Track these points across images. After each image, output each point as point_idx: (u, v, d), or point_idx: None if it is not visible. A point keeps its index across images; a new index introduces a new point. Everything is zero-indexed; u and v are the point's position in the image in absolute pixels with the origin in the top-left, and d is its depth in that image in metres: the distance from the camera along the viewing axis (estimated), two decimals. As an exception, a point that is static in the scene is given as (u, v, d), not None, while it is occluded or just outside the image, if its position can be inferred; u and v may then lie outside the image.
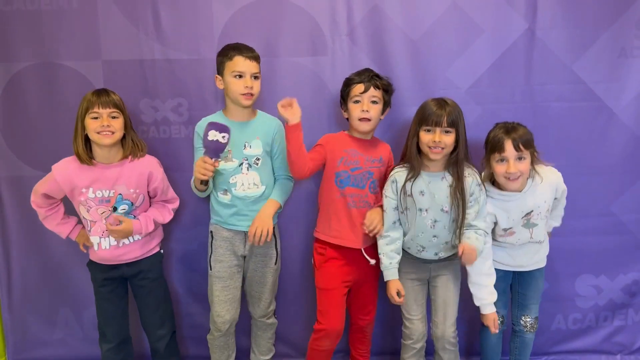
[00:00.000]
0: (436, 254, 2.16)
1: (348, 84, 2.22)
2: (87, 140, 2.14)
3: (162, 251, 2.37)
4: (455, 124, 2.03)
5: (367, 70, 2.22)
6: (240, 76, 2.14)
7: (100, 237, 2.19)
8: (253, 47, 2.23)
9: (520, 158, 2.04)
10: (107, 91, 2.15)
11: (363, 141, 2.25)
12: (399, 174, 2.16)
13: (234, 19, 2.39)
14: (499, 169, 2.07)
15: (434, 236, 2.13)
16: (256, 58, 2.17)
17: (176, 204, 2.34)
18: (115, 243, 2.20)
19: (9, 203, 2.53)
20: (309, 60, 2.41)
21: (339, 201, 2.22)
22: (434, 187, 2.10)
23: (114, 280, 2.27)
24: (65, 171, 2.15)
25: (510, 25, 2.38)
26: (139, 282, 2.29)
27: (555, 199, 2.19)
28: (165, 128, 2.46)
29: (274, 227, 2.28)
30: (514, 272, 2.27)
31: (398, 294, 2.17)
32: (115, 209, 2.17)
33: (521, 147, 2.02)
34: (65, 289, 2.61)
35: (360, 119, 2.18)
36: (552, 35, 2.38)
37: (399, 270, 2.19)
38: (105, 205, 2.16)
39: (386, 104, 2.24)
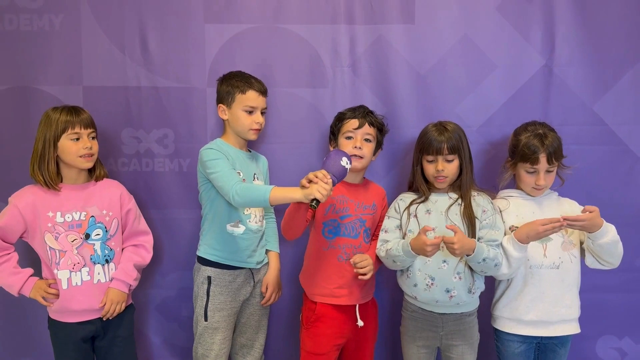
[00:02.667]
0: (448, 290, 1.92)
1: (341, 118, 2.09)
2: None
3: (132, 305, 2.13)
4: (457, 149, 1.97)
5: (362, 106, 2.10)
6: (251, 112, 2.05)
7: (70, 272, 1.94)
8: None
9: (549, 171, 2.00)
10: (79, 108, 2.00)
11: (353, 186, 2.07)
12: (406, 195, 2.08)
13: (227, 46, 2.26)
14: (528, 179, 2.02)
15: (444, 261, 1.93)
16: (266, 92, 2.11)
17: (150, 238, 2.13)
18: (89, 278, 1.95)
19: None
20: (308, 92, 2.29)
21: (327, 254, 2.03)
22: (441, 204, 2.00)
23: (85, 341, 1.99)
24: (26, 197, 1.94)
25: (525, 61, 2.26)
26: (109, 341, 2.03)
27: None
28: (148, 161, 2.29)
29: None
30: (536, 346, 2.04)
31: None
32: (88, 235, 1.96)
33: (554, 160, 1.98)
34: (29, 338, 2.37)
35: (353, 156, 2.00)
36: (571, 73, 2.26)
37: (405, 334, 2.04)
38: (76, 231, 1.95)
39: (379, 144, 2.11)
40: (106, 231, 2.00)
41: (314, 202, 1.74)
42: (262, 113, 2.08)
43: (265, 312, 2.18)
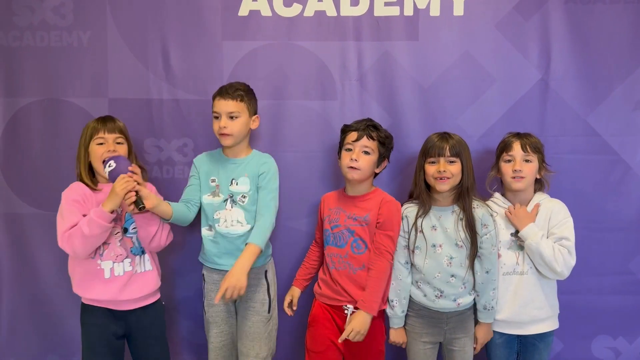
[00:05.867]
0: (455, 299, 2.04)
1: (344, 130, 2.15)
2: (90, 169, 2.10)
3: (163, 303, 2.23)
4: (459, 154, 2.04)
5: (367, 119, 2.14)
6: (218, 117, 2.11)
7: (113, 262, 2.04)
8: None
9: (526, 160, 2.08)
10: (112, 117, 2.13)
11: (351, 198, 2.14)
12: (409, 209, 2.12)
13: (243, 61, 2.38)
14: (506, 168, 2.10)
15: (452, 276, 2.03)
16: (236, 97, 2.09)
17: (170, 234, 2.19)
18: (131, 268, 2.05)
19: (3, 241, 2.46)
20: (318, 104, 2.39)
21: (325, 261, 2.18)
22: (445, 221, 2.06)
23: (112, 333, 2.07)
24: (75, 191, 2.06)
25: (523, 75, 2.35)
26: (142, 341, 2.12)
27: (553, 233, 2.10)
28: (169, 168, 2.42)
29: (266, 271, 2.20)
30: (518, 339, 2.14)
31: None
32: (126, 230, 2.09)
33: (528, 149, 2.08)
34: (55, 334, 2.50)
35: (349, 167, 2.07)
36: (566, 87, 2.35)
37: (411, 332, 2.12)
38: (118, 225, 2.07)
39: (382, 157, 2.13)
40: None
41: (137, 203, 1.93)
42: (233, 118, 2.08)
43: (260, 319, 2.14)
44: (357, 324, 1.98)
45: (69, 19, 2.38)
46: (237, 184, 2.15)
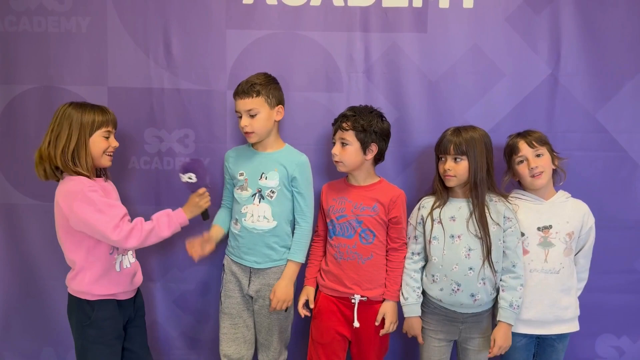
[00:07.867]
0: (472, 295, 1.99)
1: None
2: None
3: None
4: (467, 152, 2.00)
5: (350, 108, 2.12)
6: (240, 117, 2.08)
7: (122, 256, 1.99)
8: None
9: (538, 155, 2.07)
10: (107, 107, 2.00)
11: (356, 187, 2.13)
12: (427, 200, 2.12)
13: (247, 51, 2.33)
14: (522, 169, 2.08)
15: (470, 269, 2.00)
16: (251, 93, 2.04)
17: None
18: (134, 260, 2.04)
19: (-3, 232, 2.40)
20: (323, 96, 2.35)
21: (330, 251, 2.14)
22: (465, 212, 2.03)
23: (121, 323, 2.02)
24: (86, 181, 1.88)
25: (532, 70, 2.32)
26: (133, 323, 2.08)
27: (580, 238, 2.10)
28: (169, 159, 2.37)
29: None
30: (536, 340, 2.12)
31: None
32: None
33: (535, 144, 2.07)
34: (50, 327, 2.45)
35: (334, 161, 2.11)
36: (575, 82, 2.32)
37: (425, 329, 2.10)
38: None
39: (366, 144, 2.05)
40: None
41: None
42: (252, 115, 2.05)
43: (277, 317, 2.14)
44: (391, 315, 2.08)
45: (67, 4, 2.31)
46: (266, 178, 2.11)
